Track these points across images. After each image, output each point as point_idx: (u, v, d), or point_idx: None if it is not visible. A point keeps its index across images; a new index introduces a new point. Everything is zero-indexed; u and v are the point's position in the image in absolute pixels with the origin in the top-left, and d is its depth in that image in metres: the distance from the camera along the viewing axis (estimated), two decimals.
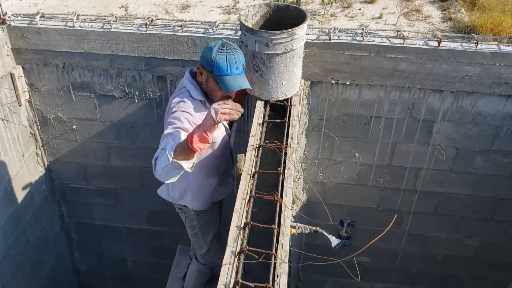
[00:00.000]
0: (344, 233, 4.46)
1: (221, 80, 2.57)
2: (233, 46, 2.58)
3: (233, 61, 2.54)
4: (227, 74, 2.55)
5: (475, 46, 3.30)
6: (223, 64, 2.53)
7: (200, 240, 3.37)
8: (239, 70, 2.58)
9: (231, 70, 2.54)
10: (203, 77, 2.67)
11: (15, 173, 4.04)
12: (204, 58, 2.59)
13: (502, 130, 3.68)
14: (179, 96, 2.72)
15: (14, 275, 4.24)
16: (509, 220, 4.21)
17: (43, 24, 3.61)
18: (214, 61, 2.53)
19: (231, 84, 2.56)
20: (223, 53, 2.53)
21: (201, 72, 2.66)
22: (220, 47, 2.55)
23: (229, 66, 2.54)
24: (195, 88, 2.72)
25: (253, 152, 2.62)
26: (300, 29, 2.77)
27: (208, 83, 2.67)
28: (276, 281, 1.89)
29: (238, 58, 2.57)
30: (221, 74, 2.55)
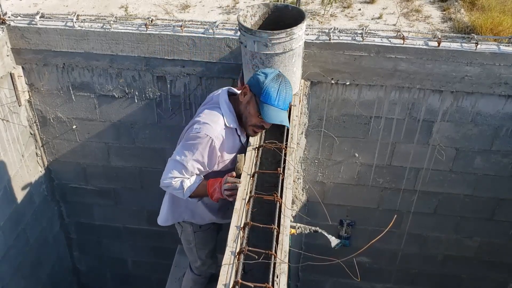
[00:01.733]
0: (344, 233, 4.46)
1: (265, 108, 2.47)
2: (287, 81, 2.52)
3: (283, 95, 2.47)
4: (273, 104, 2.46)
5: (475, 46, 3.30)
6: (273, 93, 2.45)
7: (194, 255, 3.31)
8: (285, 105, 2.51)
9: (278, 102, 2.46)
10: (245, 98, 2.55)
11: (14, 173, 4.03)
12: (255, 80, 2.51)
13: (502, 130, 3.69)
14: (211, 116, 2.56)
15: (14, 275, 4.24)
16: (509, 220, 4.21)
17: (43, 24, 3.61)
18: (266, 87, 2.45)
19: (273, 115, 2.48)
20: (277, 83, 2.46)
21: (245, 93, 2.55)
22: (276, 76, 2.49)
23: (278, 97, 2.46)
24: (230, 113, 2.60)
25: (253, 152, 2.62)
26: (298, 29, 2.77)
27: (248, 105, 2.55)
28: (275, 281, 1.89)
29: (289, 94, 2.51)
30: (268, 102, 2.46)
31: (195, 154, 2.51)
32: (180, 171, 2.56)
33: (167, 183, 2.62)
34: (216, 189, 2.56)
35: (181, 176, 2.58)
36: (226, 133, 2.56)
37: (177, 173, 2.57)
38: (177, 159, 2.55)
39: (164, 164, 2.62)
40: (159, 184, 2.70)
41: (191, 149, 2.51)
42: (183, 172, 2.56)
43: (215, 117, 2.55)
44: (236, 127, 2.61)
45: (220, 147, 2.55)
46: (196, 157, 2.52)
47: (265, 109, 2.47)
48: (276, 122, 2.50)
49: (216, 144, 2.51)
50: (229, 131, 2.59)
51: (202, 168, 2.60)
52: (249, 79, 2.56)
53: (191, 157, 2.52)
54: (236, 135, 2.65)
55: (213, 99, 2.70)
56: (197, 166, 2.56)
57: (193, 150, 2.51)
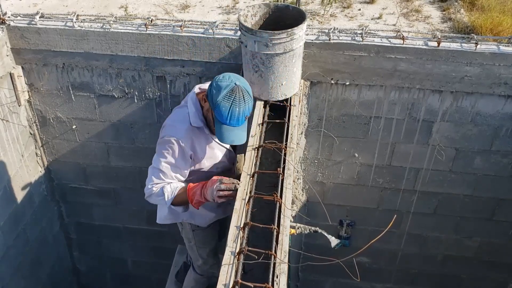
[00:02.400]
0: (344, 233, 4.46)
1: (218, 125, 2.46)
2: (244, 94, 2.41)
3: (235, 114, 2.40)
4: (225, 123, 2.42)
5: (475, 47, 3.30)
6: (224, 113, 2.39)
7: (195, 253, 3.33)
8: (239, 122, 2.44)
9: (230, 121, 2.41)
10: (205, 105, 2.57)
11: (14, 173, 4.03)
12: (210, 93, 2.45)
13: (501, 130, 3.69)
14: (177, 116, 2.63)
15: (13, 275, 4.23)
16: (508, 220, 4.21)
17: (43, 24, 3.61)
18: (217, 105, 2.40)
19: (224, 135, 2.45)
20: (229, 101, 2.38)
21: (204, 100, 2.56)
22: (230, 92, 2.38)
23: (229, 117, 2.40)
24: (196, 112, 2.60)
25: (252, 152, 2.62)
26: (299, 29, 2.77)
27: (208, 113, 2.57)
28: (275, 281, 1.89)
29: (243, 110, 2.42)
30: (219, 120, 2.43)
31: (167, 158, 2.55)
32: (158, 176, 2.59)
33: (148, 192, 2.63)
34: (197, 193, 2.55)
35: (160, 181, 2.60)
36: (194, 132, 2.58)
37: (156, 179, 2.60)
38: (153, 165, 2.61)
39: None
40: None
41: (162, 153, 2.56)
42: (161, 176, 2.59)
43: (180, 116, 2.60)
44: (203, 126, 2.61)
45: (190, 147, 2.57)
46: (168, 161, 2.56)
47: (217, 126, 2.46)
48: (227, 142, 2.48)
49: (184, 144, 2.53)
50: (197, 130, 2.61)
51: (179, 170, 2.62)
52: (209, 86, 2.50)
53: (163, 161, 2.56)
54: (205, 133, 2.65)
55: (185, 98, 2.75)
56: (172, 168, 2.59)
57: (163, 154, 2.55)
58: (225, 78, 2.42)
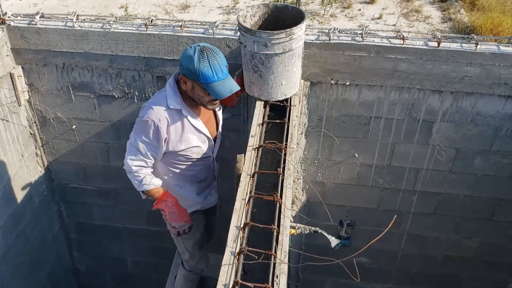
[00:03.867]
0: (344, 234, 4.46)
1: (210, 87, 2.53)
2: (212, 49, 2.52)
3: (217, 66, 2.50)
4: (215, 80, 2.51)
5: (475, 47, 3.30)
6: (208, 72, 2.48)
7: (181, 244, 3.34)
8: (225, 73, 2.54)
9: (217, 76, 2.50)
10: (187, 86, 2.62)
11: (14, 173, 4.03)
12: (185, 68, 2.53)
13: (501, 130, 3.69)
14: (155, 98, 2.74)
15: (13, 275, 4.23)
16: (508, 221, 4.22)
17: (43, 24, 3.61)
18: (198, 70, 2.48)
19: (220, 91, 2.54)
20: (205, 60, 2.47)
21: (185, 81, 2.61)
22: (200, 53, 2.48)
23: (214, 72, 2.49)
24: (174, 95, 2.68)
25: (252, 152, 2.62)
26: (298, 29, 2.77)
27: (194, 91, 2.62)
28: (275, 282, 1.89)
29: (221, 61, 2.53)
30: (208, 81, 2.51)
31: (142, 137, 2.68)
32: (135, 153, 2.74)
33: (128, 169, 2.80)
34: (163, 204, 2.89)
35: (137, 158, 2.74)
36: (169, 114, 2.66)
37: (133, 156, 2.75)
38: (130, 141, 2.76)
39: None
40: None
41: (138, 132, 2.70)
42: (137, 154, 2.73)
43: (158, 99, 2.70)
44: (180, 108, 2.69)
45: (166, 129, 2.66)
46: (143, 139, 2.68)
47: (211, 89, 2.53)
48: (227, 94, 2.57)
49: (159, 125, 2.63)
50: (174, 112, 2.68)
51: (154, 150, 2.74)
52: (180, 67, 2.59)
53: (139, 139, 2.69)
54: (182, 115, 2.71)
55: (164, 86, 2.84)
56: (147, 147, 2.71)
57: (140, 133, 2.69)
58: (187, 49, 2.54)
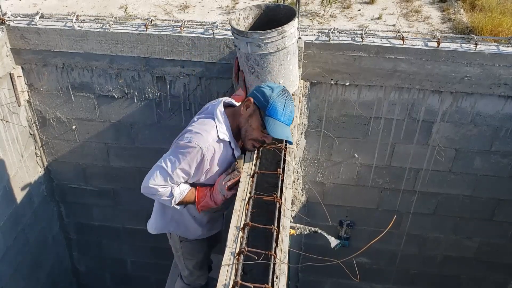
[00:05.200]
0: (344, 234, 4.46)
1: (270, 122, 2.41)
2: (292, 98, 2.50)
3: (289, 111, 2.44)
4: (279, 119, 2.42)
5: (475, 47, 3.30)
6: (279, 108, 2.41)
7: (182, 263, 3.20)
8: (290, 121, 2.48)
9: (284, 117, 2.42)
10: (247, 111, 2.47)
11: (14, 174, 4.03)
12: (260, 93, 2.44)
13: (501, 131, 3.69)
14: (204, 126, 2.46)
15: (13, 275, 4.23)
16: (508, 221, 4.22)
17: (43, 24, 3.61)
18: (273, 101, 2.40)
19: (278, 130, 2.42)
20: (283, 98, 2.42)
21: (248, 105, 2.47)
22: (282, 91, 2.44)
23: (284, 112, 2.42)
24: (225, 125, 2.50)
25: (252, 153, 2.62)
26: (289, 26, 2.76)
27: (250, 119, 2.47)
28: (275, 282, 1.89)
29: (293, 110, 2.50)
30: (274, 116, 2.41)
31: (182, 163, 2.42)
32: (165, 178, 2.46)
33: (152, 191, 2.53)
34: (207, 195, 2.56)
35: (164, 184, 2.48)
36: (218, 145, 2.46)
37: (161, 180, 2.47)
38: (163, 166, 2.45)
39: None
40: None
41: (179, 158, 2.41)
42: (168, 180, 2.46)
43: (208, 127, 2.45)
44: (229, 140, 2.51)
45: (210, 159, 2.45)
46: (182, 167, 2.43)
47: (270, 123, 2.41)
48: (282, 137, 2.46)
49: (206, 155, 2.41)
50: (222, 144, 2.48)
51: (187, 178, 2.52)
52: (252, 92, 2.50)
53: (177, 165, 2.42)
54: (230, 148, 2.54)
55: (209, 109, 2.60)
56: (182, 175, 2.47)
57: (181, 159, 2.41)
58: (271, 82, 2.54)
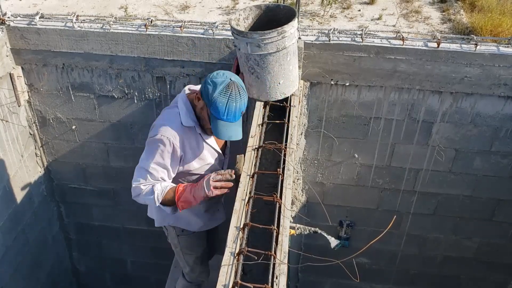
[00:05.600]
0: (344, 234, 4.46)
1: (214, 121, 2.45)
2: (239, 89, 2.43)
3: (232, 109, 2.41)
4: (222, 119, 2.42)
5: (475, 48, 3.30)
6: (221, 108, 2.40)
7: (182, 259, 3.25)
8: (236, 118, 2.46)
9: (227, 116, 2.42)
10: (199, 104, 2.53)
11: (14, 174, 4.03)
12: (205, 90, 2.44)
13: (501, 131, 3.69)
14: (167, 116, 2.58)
15: (13, 275, 4.23)
16: (508, 221, 4.22)
17: (43, 24, 3.61)
18: (214, 101, 2.39)
19: (221, 131, 2.45)
20: (225, 97, 2.38)
21: (198, 98, 2.52)
22: (226, 87, 2.39)
23: (226, 112, 2.40)
24: (187, 112, 2.57)
25: (252, 153, 2.62)
26: (289, 26, 2.76)
27: (202, 111, 2.53)
28: (275, 282, 1.89)
29: (240, 105, 2.44)
30: (216, 116, 2.43)
31: (155, 157, 2.49)
32: (144, 176, 2.55)
33: (136, 191, 2.59)
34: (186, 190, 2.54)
35: (146, 181, 2.55)
36: (185, 132, 2.53)
37: (142, 179, 2.55)
38: (140, 165, 2.57)
39: None
40: None
41: (151, 153, 2.51)
42: (147, 177, 2.54)
43: (171, 116, 2.55)
44: (194, 125, 2.57)
45: (180, 146, 2.52)
46: (157, 160, 2.50)
47: (213, 123, 2.44)
48: (224, 138, 2.48)
49: (175, 143, 2.48)
50: (188, 130, 2.56)
51: (166, 171, 2.57)
52: (201, 85, 2.50)
53: (152, 160, 2.50)
54: (197, 133, 2.60)
55: (174, 99, 2.69)
56: (160, 169, 2.54)
57: (153, 153, 2.50)
58: (220, 74, 2.42)
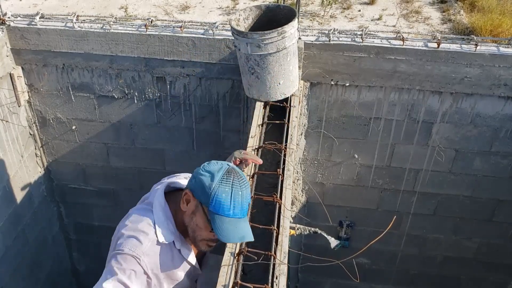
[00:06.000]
0: (343, 234, 4.46)
1: (218, 221, 1.79)
2: (241, 176, 1.85)
3: (239, 199, 1.80)
4: (228, 215, 1.79)
5: (475, 48, 3.31)
6: (225, 201, 1.78)
7: None
8: (244, 211, 1.84)
9: (234, 210, 1.79)
10: (188, 207, 1.88)
11: (14, 174, 4.03)
12: (199, 184, 1.82)
13: (501, 131, 3.69)
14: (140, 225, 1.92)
15: (13, 276, 4.23)
16: (508, 222, 4.22)
17: (43, 24, 3.61)
18: (215, 193, 1.78)
19: (230, 231, 1.79)
20: (227, 185, 1.79)
21: (188, 200, 1.88)
22: (226, 174, 1.81)
23: (233, 205, 1.79)
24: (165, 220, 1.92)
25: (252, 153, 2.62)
26: (290, 27, 2.77)
27: (194, 216, 1.88)
28: (275, 282, 1.89)
29: (246, 194, 1.84)
30: (220, 213, 1.79)
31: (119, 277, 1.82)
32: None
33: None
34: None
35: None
36: (160, 251, 1.91)
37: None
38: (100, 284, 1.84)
39: (163, 164, 2.60)
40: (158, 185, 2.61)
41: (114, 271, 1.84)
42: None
43: (144, 227, 1.91)
44: (173, 240, 1.94)
45: (153, 268, 1.90)
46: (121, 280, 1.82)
47: (217, 223, 1.79)
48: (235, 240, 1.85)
49: (144, 264, 1.86)
50: (164, 247, 1.93)
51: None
52: (190, 180, 1.88)
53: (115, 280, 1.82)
54: (175, 249, 1.97)
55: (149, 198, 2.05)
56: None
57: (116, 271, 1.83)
58: (212, 163, 1.88)
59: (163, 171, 4.23)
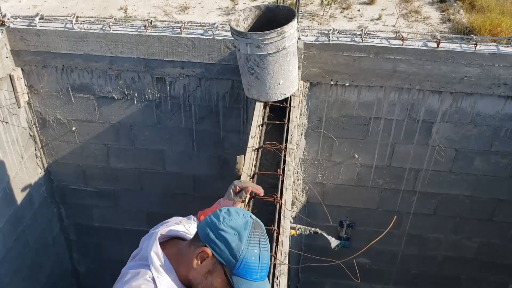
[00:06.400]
0: (344, 234, 4.46)
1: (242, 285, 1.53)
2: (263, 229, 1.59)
3: (266, 260, 1.55)
4: (254, 279, 1.54)
5: (474, 47, 3.30)
6: (254, 266, 1.52)
7: None
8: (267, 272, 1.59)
9: (261, 274, 1.55)
10: (203, 265, 1.57)
11: (14, 175, 4.03)
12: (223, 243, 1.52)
13: (501, 131, 3.69)
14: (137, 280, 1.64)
15: (13, 277, 4.23)
16: (508, 221, 4.21)
17: (42, 26, 3.61)
18: (243, 258, 1.50)
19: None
20: (256, 246, 1.53)
21: (202, 258, 1.56)
22: (253, 232, 1.53)
23: (260, 269, 1.54)
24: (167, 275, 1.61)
25: (252, 153, 2.62)
26: (289, 27, 2.76)
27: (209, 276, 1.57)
28: (275, 283, 1.89)
29: (268, 253, 1.59)
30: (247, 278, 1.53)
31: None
32: None
33: None
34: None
35: None
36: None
37: None
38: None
39: (163, 165, 2.60)
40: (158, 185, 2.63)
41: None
42: None
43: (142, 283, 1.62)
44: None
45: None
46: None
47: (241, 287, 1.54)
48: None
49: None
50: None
51: None
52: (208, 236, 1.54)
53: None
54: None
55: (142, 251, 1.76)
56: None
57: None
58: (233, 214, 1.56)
59: (163, 172, 4.23)
